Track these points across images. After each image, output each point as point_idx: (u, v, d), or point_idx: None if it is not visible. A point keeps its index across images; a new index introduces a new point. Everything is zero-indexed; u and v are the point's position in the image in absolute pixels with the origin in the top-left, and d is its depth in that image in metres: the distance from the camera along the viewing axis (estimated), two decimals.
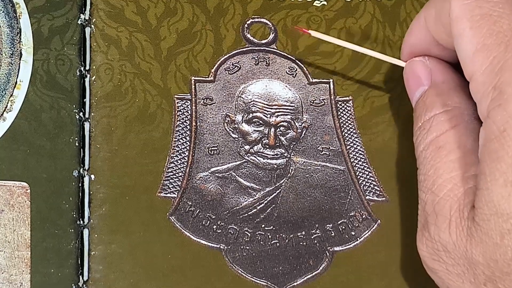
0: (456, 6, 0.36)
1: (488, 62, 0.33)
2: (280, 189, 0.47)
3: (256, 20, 0.49)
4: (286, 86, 0.48)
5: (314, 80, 0.49)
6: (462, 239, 0.34)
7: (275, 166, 0.47)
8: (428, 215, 0.37)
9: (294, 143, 0.48)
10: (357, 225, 0.47)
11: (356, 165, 0.48)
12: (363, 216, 0.47)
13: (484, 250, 0.33)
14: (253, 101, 0.48)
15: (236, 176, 0.47)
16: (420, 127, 0.39)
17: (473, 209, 0.34)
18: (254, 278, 0.46)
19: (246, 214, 0.47)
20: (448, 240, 0.35)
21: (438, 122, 0.38)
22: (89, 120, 0.47)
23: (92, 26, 0.48)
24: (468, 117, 0.38)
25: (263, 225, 0.47)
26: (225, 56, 0.49)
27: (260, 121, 0.48)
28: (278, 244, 0.47)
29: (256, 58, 0.49)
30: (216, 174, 0.47)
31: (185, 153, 0.47)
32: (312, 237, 0.47)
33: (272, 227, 0.47)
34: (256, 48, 0.49)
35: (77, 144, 0.46)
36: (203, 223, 0.47)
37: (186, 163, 0.47)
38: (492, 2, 0.35)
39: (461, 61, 0.36)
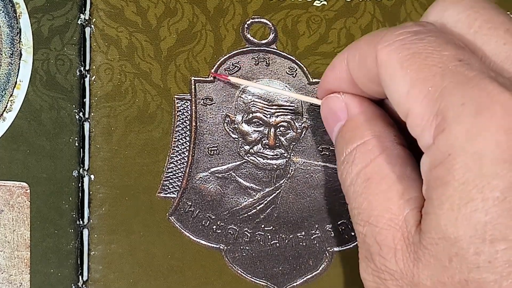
0: (382, 52, 0.35)
1: (425, 92, 0.33)
2: (280, 190, 0.47)
3: (256, 20, 0.49)
4: (286, 86, 0.48)
5: (314, 80, 0.49)
6: (409, 265, 0.34)
7: (275, 166, 0.47)
8: (370, 246, 0.36)
9: (294, 143, 0.48)
10: None
11: None
12: None
13: (432, 274, 0.33)
14: (253, 101, 0.48)
15: (236, 177, 0.47)
16: (343, 161, 0.39)
17: (419, 233, 0.34)
18: (254, 278, 0.46)
19: (246, 215, 0.47)
20: (395, 269, 0.35)
21: (361, 154, 0.38)
22: (89, 120, 0.47)
23: (92, 26, 0.48)
24: (390, 143, 0.38)
25: (262, 226, 0.47)
26: (225, 56, 0.49)
27: (260, 121, 0.48)
28: (277, 244, 0.47)
29: (256, 58, 0.49)
30: (216, 175, 0.47)
31: (185, 153, 0.47)
32: (312, 238, 0.47)
33: (272, 227, 0.47)
34: (256, 48, 0.49)
35: (76, 144, 0.46)
36: (203, 223, 0.47)
37: (186, 163, 0.47)
38: (419, 41, 0.34)
39: (394, 103, 0.35)
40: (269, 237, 0.47)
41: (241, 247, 0.46)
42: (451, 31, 0.36)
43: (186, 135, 0.47)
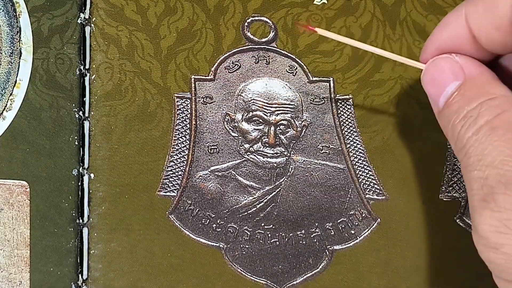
0: None
1: None
2: (279, 188, 0.47)
3: (256, 18, 0.49)
4: (286, 84, 0.48)
5: (314, 79, 0.49)
6: None
7: (275, 164, 0.47)
8: (492, 188, 0.35)
9: (294, 141, 0.48)
10: (356, 223, 0.47)
11: (356, 163, 0.48)
12: (363, 215, 0.47)
13: None
14: (253, 99, 0.48)
15: (236, 175, 0.47)
16: (464, 117, 0.38)
17: None
18: (254, 276, 0.46)
19: (246, 213, 0.47)
20: None
21: (488, 108, 0.37)
22: (89, 119, 0.47)
23: (92, 25, 0.48)
24: None
25: (262, 224, 0.47)
26: (225, 55, 0.49)
27: (260, 120, 0.48)
28: (277, 242, 0.47)
29: (256, 56, 0.49)
30: (216, 173, 0.47)
31: (184, 152, 0.47)
32: (311, 236, 0.47)
33: (271, 225, 0.47)
34: (256, 46, 0.49)
35: (76, 143, 0.46)
36: (203, 221, 0.46)
37: (185, 162, 0.47)
38: None
39: None
40: (269, 235, 0.47)
41: (241, 246, 0.46)
42: None
43: (186, 133, 0.47)
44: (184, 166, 0.47)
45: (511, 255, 0.34)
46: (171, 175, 0.47)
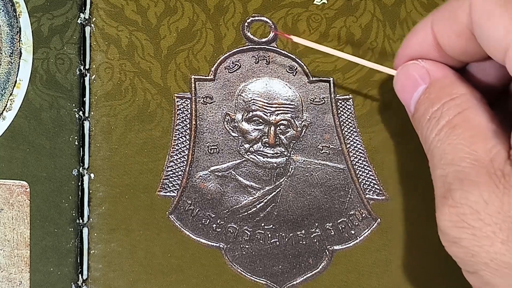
0: None
1: None
2: (280, 188, 0.47)
3: (257, 18, 0.49)
4: (286, 84, 0.48)
5: (314, 79, 0.49)
6: (497, 195, 0.34)
7: (275, 164, 0.47)
8: (450, 184, 0.36)
9: (294, 141, 0.48)
10: (357, 224, 0.47)
11: (356, 163, 0.48)
12: (363, 215, 0.47)
13: None
14: (253, 99, 0.48)
15: (236, 175, 0.47)
16: (429, 119, 0.39)
17: (509, 165, 0.34)
18: (254, 277, 0.46)
19: (246, 213, 0.47)
20: (478, 200, 0.35)
21: (449, 108, 0.38)
22: (89, 119, 0.47)
23: (92, 25, 0.48)
24: (476, 101, 0.38)
25: (262, 224, 0.47)
26: (225, 55, 0.49)
27: (260, 120, 0.48)
28: (277, 243, 0.47)
29: (256, 56, 0.49)
30: (216, 173, 0.47)
31: (185, 152, 0.47)
32: (311, 236, 0.47)
33: (271, 226, 0.47)
34: (256, 46, 0.49)
35: (76, 143, 0.46)
36: (203, 222, 0.46)
37: (185, 162, 0.47)
38: None
39: (489, 45, 0.36)
40: (269, 235, 0.47)
41: (241, 246, 0.46)
42: None
43: (186, 133, 0.47)
44: (184, 166, 0.47)
45: (469, 247, 0.35)
46: (171, 175, 0.47)
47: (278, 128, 0.48)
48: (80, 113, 0.47)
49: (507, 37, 0.34)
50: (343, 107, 0.48)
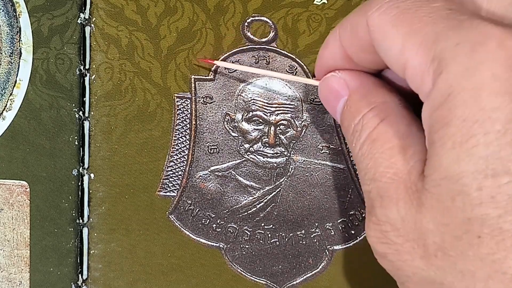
0: (373, 16, 0.36)
1: (419, 42, 0.34)
2: (279, 188, 0.47)
3: (257, 18, 0.49)
4: (286, 84, 0.48)
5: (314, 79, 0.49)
6: (411, 211, 0.34)
7: (275, 164, 0.47)
8: (373, 200, 0.37)
9: (294, 141, 0.48)
10: (357, 224, 0.47)
11: None
12: (363, 215, 0.47)
13: (434, 216, 0.33)
14: (253, 99, 0.48)
15: (236, 175, 0.47)
16: (352, 133, 0.39)
17: (422, 180, 0.34)
18: (254, 276, 0.46)
19: (246, 213, 0.47)
20: (396, 217, 0.35)
21: (368, 120, 0.38)
22: (89, 119, 0.47)
23: (92, 25, 0.48)
24: (394, 107, 0.38)
25: (262, 224, 0.47)
26: (225, 55, 0.49)
27: (260, 120, 0.48)
28: (277, 243, 0.47)
29: (256, 56, 0.49)
30: (216, 173, 0.47)
31: (184, 152, 0.47)
32: (311, 236, 0.47)
33: (271, 225, 0.47)
34: (256, 46, 0.49)
35: (76, 143, 0.46)
36: (203, 221, 0.46)
37: (185, 162, 0.47)
38: (407, 1, 0.35)
39: (390, 62, 0.36)
40: (269, 235, 0.47)
41: (241, 246, 0.46)
42: None
43: (186, 133, 0.47)
44: (184, 166, 0.47)
45: (394, 262, 0.35)
46: (171, 175, 0.47)
47: (278, 128, 0.48)
48: (80, 113, 0.47)
49: (402, 56, 0.34)
50: None
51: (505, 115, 0.31)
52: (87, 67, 0.48)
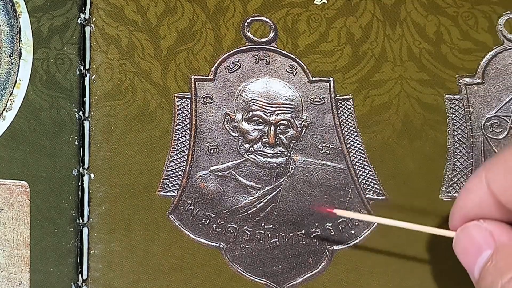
0: None
1: None
2: (280, 188, 0.47)
3: (257, 18, 0.49)
4: (286, 84, 0.48)
5: (314, 79, 0.49)
6: None
7: (275, 164, 0.47)
8: None
9: (294, 141, 0.48)
10: (357, 223, 0.47)
11: (356, 163, 0.48)
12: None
13: None
14: (253, 99, 0.48)
15: (236, 175, 0.47)
16: None
17: None
18: (254, 276, 0.46)
19: (246, 213, 0.47)
20: None
21: None
22: (89, 119, 0.47)
23: (92, 25, 0.48)
24: None
25: (262, 224, 0.47)
26: (225, 55, 0.49)
27: (260, 120, 0.48)
28: (277, 243, 0.47)
29: (256, 56, 0.49)
30: (216, 173, 0.47)
31: (184, 152, 0.47)
32: (311, 236, 0.47)
33: (271, 225, 0.47)
34: (256, 46, 0.49)
35: (76, 143, 0.46)
36: (203, 221, 0.46)
37: (185, 162, 0.47)
38: None
39: None
40: (269, 235, 0.47)
41: (241, 246, 0.46)
42: None
43: (186, 133, 0.47)
44: (184, 166, 0.47)
45: None
46: (171, 175, 0.47)
47: (278, 128, 0.48)
48: (80, 113, 0.47)
49: None
50: (343, 107, 0.48)
51: None
52: (87, 67, 0.48)
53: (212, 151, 0.47)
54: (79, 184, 0.46)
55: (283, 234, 0.47)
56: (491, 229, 0.38)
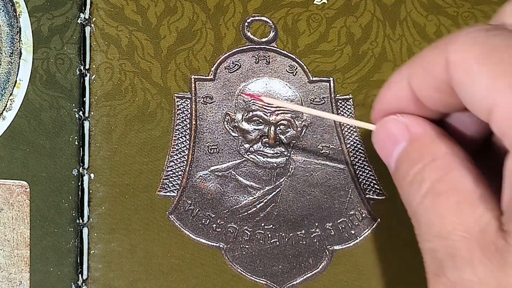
0: (455, 52, 0.34)
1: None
2: (280, 188, 0.47)
3: (257, 18, 0.49)
4: (286, 84, 0.48)
5: (314, 79, 0.49)
6: (492, 273, 0.32)
7: (275, 164, 0.47)
8: (442, 260, 0.34)
9: (294, 141, 0.48)
10: (357, 223, 0.47)
11: (356, 163, 0.48)
12: (363, 215, 0.47)
13: None
14: (253, 99, 0.48)
15: (236, 175, 0.47)
16: (411, 182, 0.37)
17: (503, 238, 0.32)
18: (254, 276, 0.46)
19: (246, 213, 0.47)
20: (472, 279, 0.33)
21: (431, 171, 0.36)
22: (89, 119, 0.47)
23: (92, 25, 0.48)
24: (460, 160, 0.36)
25: (262, 224, 0.47)
26: (225, 55, 0.49)
27: (260, 120, 0.48)
28: (277, 243, 0.47)
29: (256, 56, 0.49)
30: (216, 173, 0.47)
31: (184, 152, 0.47)
32: (311, 236, 0.47)
33: (271, 226, 0.47)
34: (256, 46, 0.49)
35: (76, 143, 0.46)
36: (203, 222, 0.46)
37: (185, 162, 0.47)
38: (493, 37, 0.33)
39: (472, 103, 0.34)
40: (269, 235, 0.47)
41: (241, 246, 0.46)
42: None
43: (186, 133, 0.47)
44: (184, 166, 0.47)
45: None
46: (171, 175, 0.47)
47: (278, 128, 0.48)
48: (80, 113, 0.47)
49: (489, 97, 0.32)
50: (343, 107, 0.48)
51: None
52: (87, 67, 0.48)
53: (212, 151, 0.47)
54: (79, 184, 0.46)
55: (283, 234, 0.47)
56: (408, 123, 0.39)
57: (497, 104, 0.32)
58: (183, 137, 0.47)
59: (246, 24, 0.49)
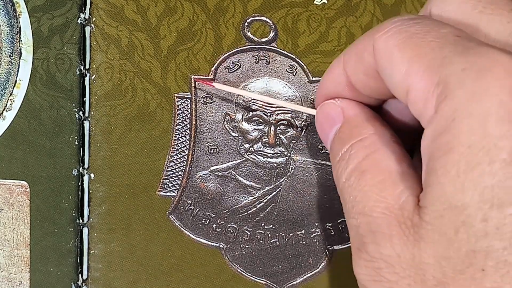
0: (379, 40, 0.35)
1: (425, 66, 0.33)
2: (280, 188, 0.47)
3: (257, 18, 0.49)
4: (286, 84, 0.48)
5: (314, 79, 0.49)
6: (408, 247, 0.33)
7: (275, 164, 0.47)
8: (363, 236, 0.35)
9: (294, 141, 0.48)
10: None
11: None
12: None
13: (435, 250, 0.32)
14: (253, 99, 0.48)
15: (236, 175, 0.47)
16: (339, 160, 0.38)
17: (418, 213, 0.33)
18: (254, 276, 0.46)
19: (246, 213, 0.47)
20: (391, 254, 0.34)
21: (357, 150, 0.37)
22: (89, 119, 0.47)
23: (92, 25, 0.48)
24: (386, 141, 0.37)
25: (262, 224, 0.47)
26: (225, 55, 0.49)
27: (260, 120, 0.48)
28: (277, 242, 0.47)
29: (256, 56, 0.49)
30: (216, 173, 0.47)
31: (185, 152, 0.47)
32: (311, 236, 0.47)
33: (271, 225, 0.47)
34: (256, 46, 0.49)
35: (76, 143, 0.46)
36: (203, 221, 0.46)
37: (185, 162, 0.47)
38: (415, 24, 0.35)
39: (393, 86, 0.35)
40: (269, 235, 0.47)
41: (241, 246, 0.46)
42: (449, 19, 0.37)
43: (186, 133, 0.47)
44: (184, 166, 0.47)
45: None
46: (171, 175, 0.47)
47: (278, 128, 0.48)
48: (80, 113, 0.47)
49: (406, 80, 0.34)
50: None
51: (511, 143, 0.30)
52: (87, 67, 0.48)
53: (212, 151, 0.47)
54: (79, 184, 0.46)
55: (283, 234, 0.47)
56: (343, 106, 0.40)
57: (412, 86, 0.34)
58: (183, 137, 0.47)
59: (246, 24, 0.49)
